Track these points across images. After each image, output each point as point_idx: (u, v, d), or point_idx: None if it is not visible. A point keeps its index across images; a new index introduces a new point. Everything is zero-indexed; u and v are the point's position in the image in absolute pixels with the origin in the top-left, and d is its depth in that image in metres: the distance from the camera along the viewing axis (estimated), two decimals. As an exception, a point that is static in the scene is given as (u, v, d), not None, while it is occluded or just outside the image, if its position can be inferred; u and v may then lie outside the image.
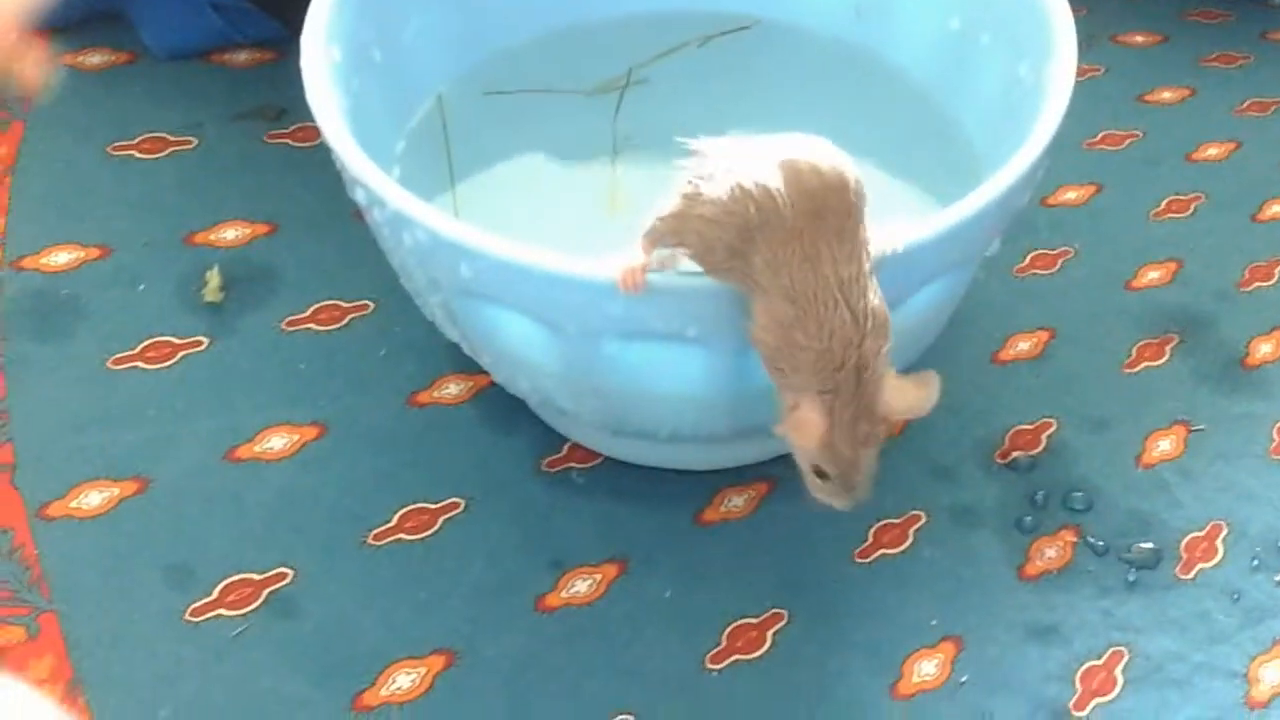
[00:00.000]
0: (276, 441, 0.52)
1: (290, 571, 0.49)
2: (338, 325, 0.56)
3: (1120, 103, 0.71)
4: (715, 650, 0.49)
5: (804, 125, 0.53)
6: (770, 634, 0.49)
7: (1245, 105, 0.72)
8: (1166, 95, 0.72)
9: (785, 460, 0.50)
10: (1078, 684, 0.49)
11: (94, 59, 0.66)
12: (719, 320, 0.42)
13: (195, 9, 0.66)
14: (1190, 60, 0.75)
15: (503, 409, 0.53)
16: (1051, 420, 0.56)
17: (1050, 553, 0.51)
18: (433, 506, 0.51)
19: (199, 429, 0.52)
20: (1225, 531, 0.53)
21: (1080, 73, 0.47)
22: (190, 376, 0.54)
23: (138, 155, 0.61)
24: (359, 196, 0.44)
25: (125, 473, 0.51)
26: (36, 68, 0.44)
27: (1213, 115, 0.71)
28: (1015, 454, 0.54)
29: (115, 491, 0.50)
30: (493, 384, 0.52)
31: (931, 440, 0.54)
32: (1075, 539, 0.52)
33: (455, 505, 0.51)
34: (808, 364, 0.38)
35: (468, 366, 0.51)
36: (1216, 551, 0.52)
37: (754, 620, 0.49)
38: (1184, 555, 0.52)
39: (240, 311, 0.56)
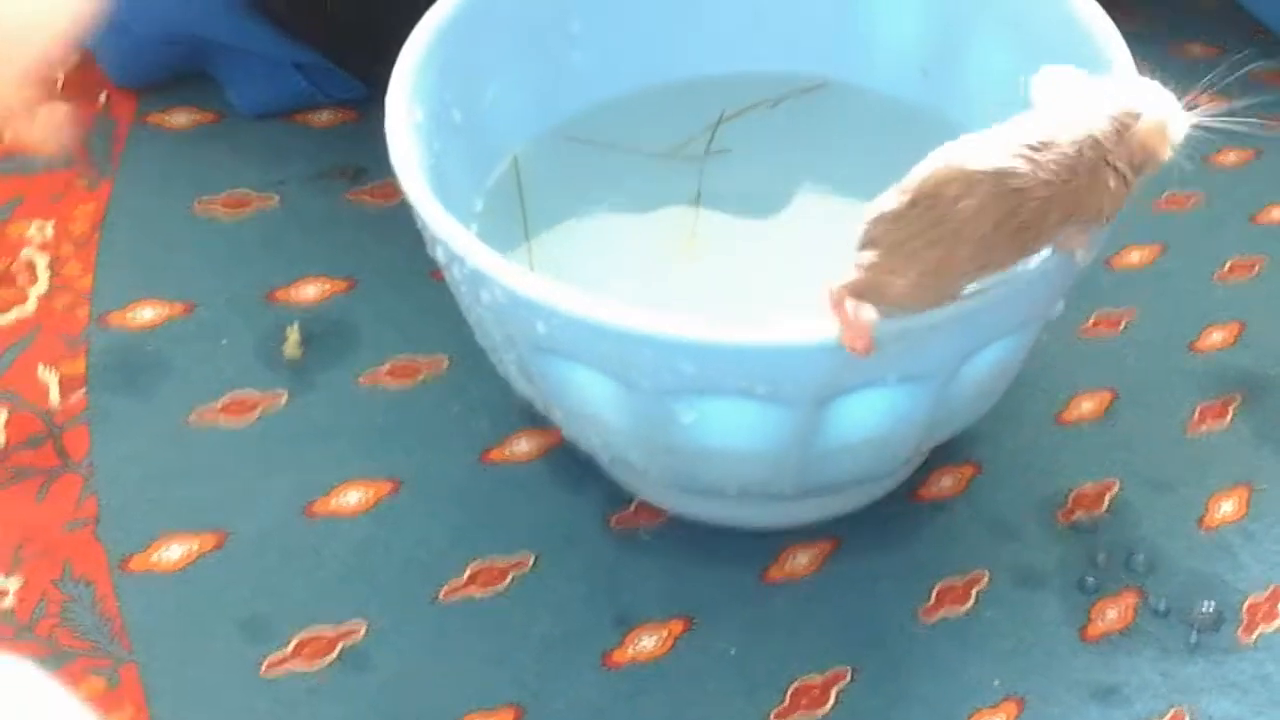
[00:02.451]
0: (353, 496, 0.53)
1: (363, 625, 0.50)
2: (413, 381, 0.57)
3: (1184, 165, 0.71)
4: (779, 707, 0.49)
5: (873, 183, 0.54)
6: (834, 691, 0.50)
7: (1310, 170, 0.73)
8: (1231, 157, 0.72)
9: (849, 519, 0.52)
10: (1140, 744, 0.50)
11: (180, 118, 0.68)
12: (788, 377, 0.43)
13: (280, 69, 0.67)
14: (1255, 122, 0.75)
15: (573, 466, 0.54)
16: (1114, 481, 0.56)
17: (1112, 614, 0.52)
18: (502, 562, 0.51)
19: (277, 484, 0.53)
20: (1289, 594, 0.53)
21: None
22: (269, 432, 0.55)
23: (221, 212, 0.63)
24: (439, 254, 0.45)
25: (204, 526, 0.52)
26: (52, 118, 0.43)
27: (1277, 177, 0.72)
28: (1078, 514, 0.55)
29: (195, 545, 0.52)
30: (563, 441, 0.53)
31: (995, 500, 0.55)
32: (1137, 600, 0.52)
33: (524, 561, 0.52)
34: None
35: (539, 423, 0.53)
36: (1278, 614, 0.52)
37: (818, 678, 0.50)
38: (1245, 618, 0.52)
39: (319, 367, 0.57)
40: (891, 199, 0.41)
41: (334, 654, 0.50)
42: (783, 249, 0.57)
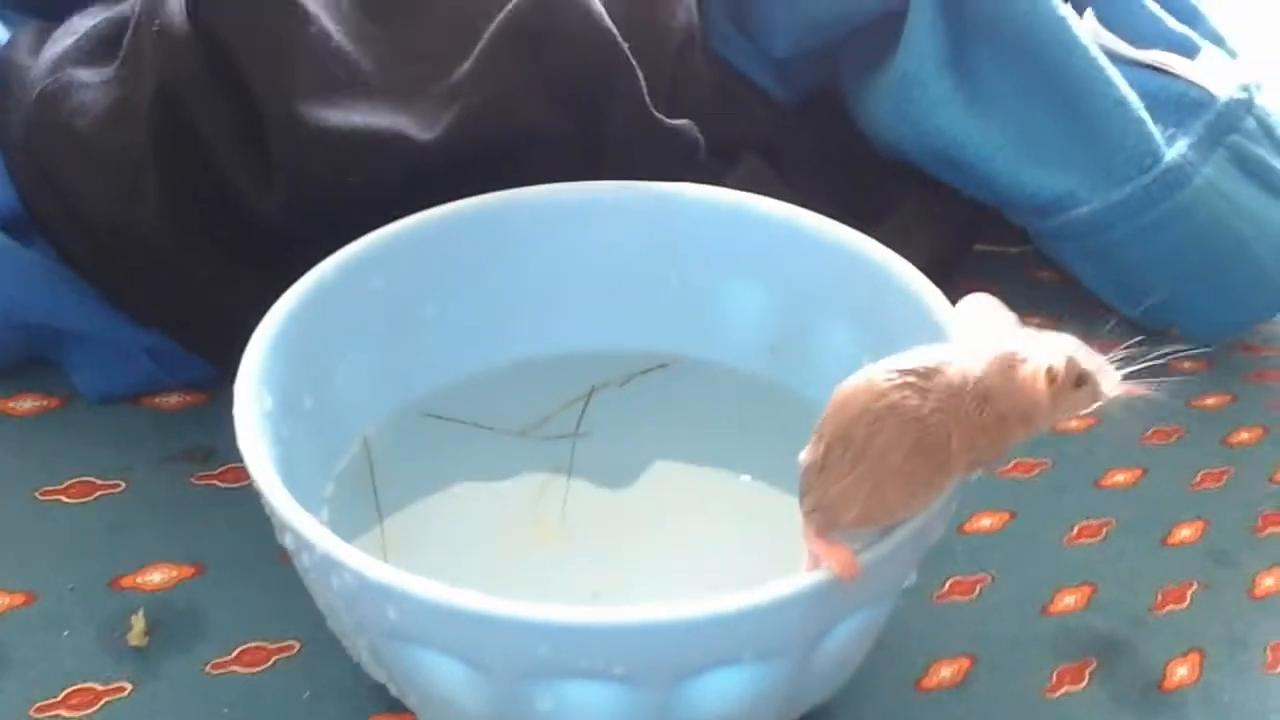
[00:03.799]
0: (196, 793, 0.51)
1: None
2: (262, 667, 0.55)
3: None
4: None
5: (728, 456, 0.55)
6: None
7: (1150, 433, 0.75)
8: (1074, 424, 0.74)
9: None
10: None
11: (25, 404, 0.67)
12: (646, 656, 0.43)
13: (128, 354, 0.67)
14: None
15: (429, 751, 0.53)
16: (976, 749, 0.56)
17: None
18: None
19: (118, 780, 0.51)
20: None
21: None
22: (112, 724, 0.53)
23: (65, 500, 0.62)
24: (288, 541, 0.45)
25: (44, 828, 0.50)
26: None
27: (1119, 443, 0.74)
28: (942, 785, 0.54)
29: None
30: (420, 725, 0.52)
31: (857, 772, 0.54)
32: None
33: None
34: None
35: (394, 707, 0.51)
36: None
37: None
38: None
39: (165, 656, 0.56)
40: (809, 450, 0.44)
41: None
42: (641, 526, 0.57)
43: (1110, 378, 0.46)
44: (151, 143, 0.60)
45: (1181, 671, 0.61)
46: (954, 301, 0.52)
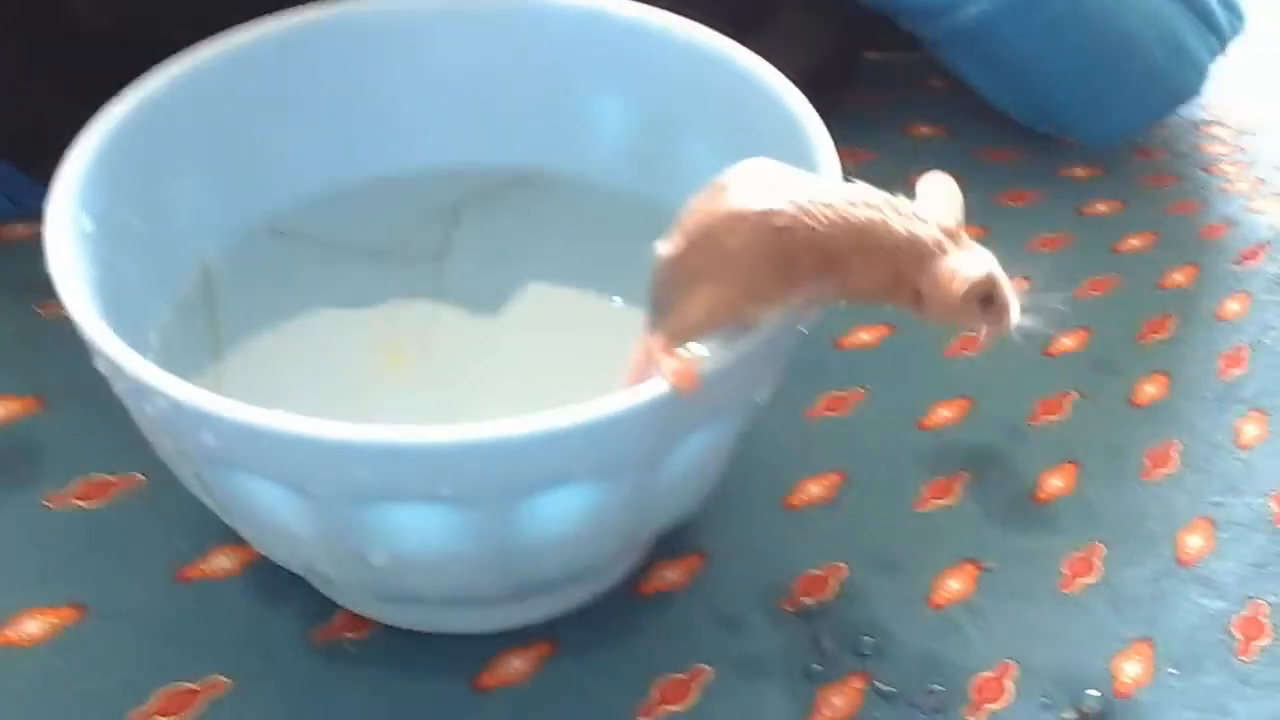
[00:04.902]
0: (32, 626, 0.50)
1: (44, 763, 0.47)
2: (104, 500, 0.54)
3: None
4: (493, 820, 0.47)
5: (596, 274, 0.53)
6: (549, 799, 0.48)
7: (1035, 240, 0.74)
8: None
9: (568, 619, 0.50)
10: (868, 835, 0.48)
11: None
12: (475, 476, 0.41)
13: (-28, 183, 0.65)
14: (983, 199, 0.76)
15: (274, 580, 0.52)
16: (842, 565, 0.55)
17: (838, 701, 0.50)
18: (195, 686, 0.48)
19: (-52, 615, 0.50)
20: (1015, 671, 0.52)
21: None
22: (-57, 561, 0.52)
23: (-97, 333, 0.60)
24: (100, 366, 0.43)
25: None
26: None
27: (1004, 252, 0.72)
28: (805, 600, 0.53)
29: None
30: (264, 555, 0.51)
31: (718, 590, 0.53)
32: (864, 685, 0.51)
33: (219, 684, 0.49)
34: None
35: (238, 538, 0.50)
36: (1005, 692, 0.51)
37: (533, 786, 0.48)
38: (974, 697, 0.51)
39: (1, 490, 0.54)
40: (669, 244, 0.42)
41: (9, 798, 0.46)
42: (505, 353, 0.55)
43: (1013, 310, 0.43)
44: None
45: (1055, 482, 0.60)
46: (838, 108, 0.50)
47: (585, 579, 0.50)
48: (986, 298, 0.42)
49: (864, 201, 0.42)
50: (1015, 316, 0.43)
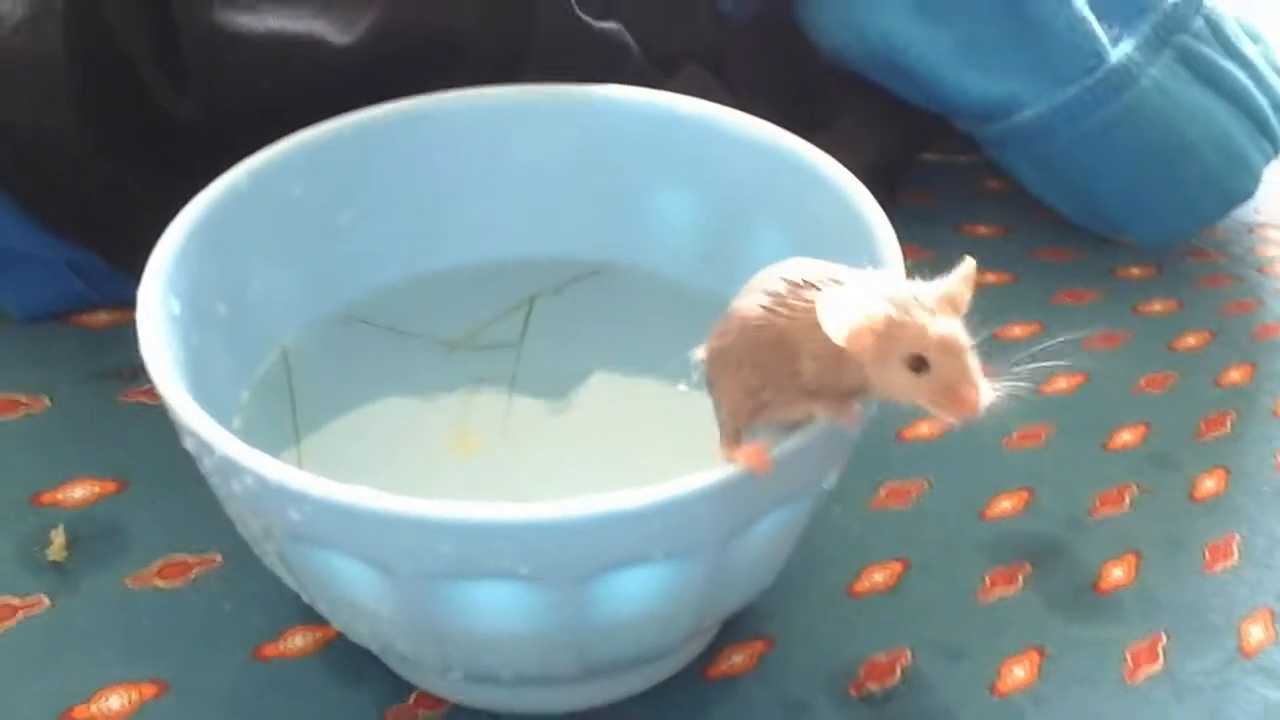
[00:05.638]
0: (114, 701, 0.51)
1: (126, 835, 0.48)
2: (184, 581, 0.55)
3: (972, 339, 0.73)
4: None
5: (661, 366, 0.54)
6: None
7: (1094, 339, 0.74)
8: (1017, 331, 0.74)
9: (639, 700, 0.50)
10: None
11: (-49, 325, 0.66)
12: (550, 555, 0.42)
13: (55, 272, 0.66)
14: (1040, 297, 0.78)
15: (349, 660, 0.53)
16: (906, 651, 0.55)
17: (906, 786, 0.51)
18: (274, 762, 0.49)
19: (34, 691, 0.51)
20: (1081, 758, 0.52)
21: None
22: (29, 638, 0.53)
23: (-9, 418, 0.61)
24: (189, 445, 0.44)
25: (-44, 738, 0.49)
26: None
27: (1062, 349, 0.73)
28: (869, 685, 0.54)
29: (-53, 760, 0.49)
30: (340, 635, 0.51)
31: (784, 675, 0.54)
32: (930, 771, 0.51)
33: (297, 760, 0.49)
34: None
35: (315, 618, 0.51)
36: (1072, 779, 0.52)
37: None
38: (1040, 783, 0.51)
39: (85, 571, 0.55)
40: (703, 346, 0.43)
41: None
42: (575, 438, 0.56)
43: (979, 393, 0.40)
44: (67, 50, 0.59)
45: (1117, 573, 0.60)
46: (898, 210, 0.51)
47: (655, 660, 0.51)
48: (919, 362, 0.38)
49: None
50: (979, 395, 0.39)
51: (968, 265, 0.40)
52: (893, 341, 0.38)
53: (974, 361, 0.39)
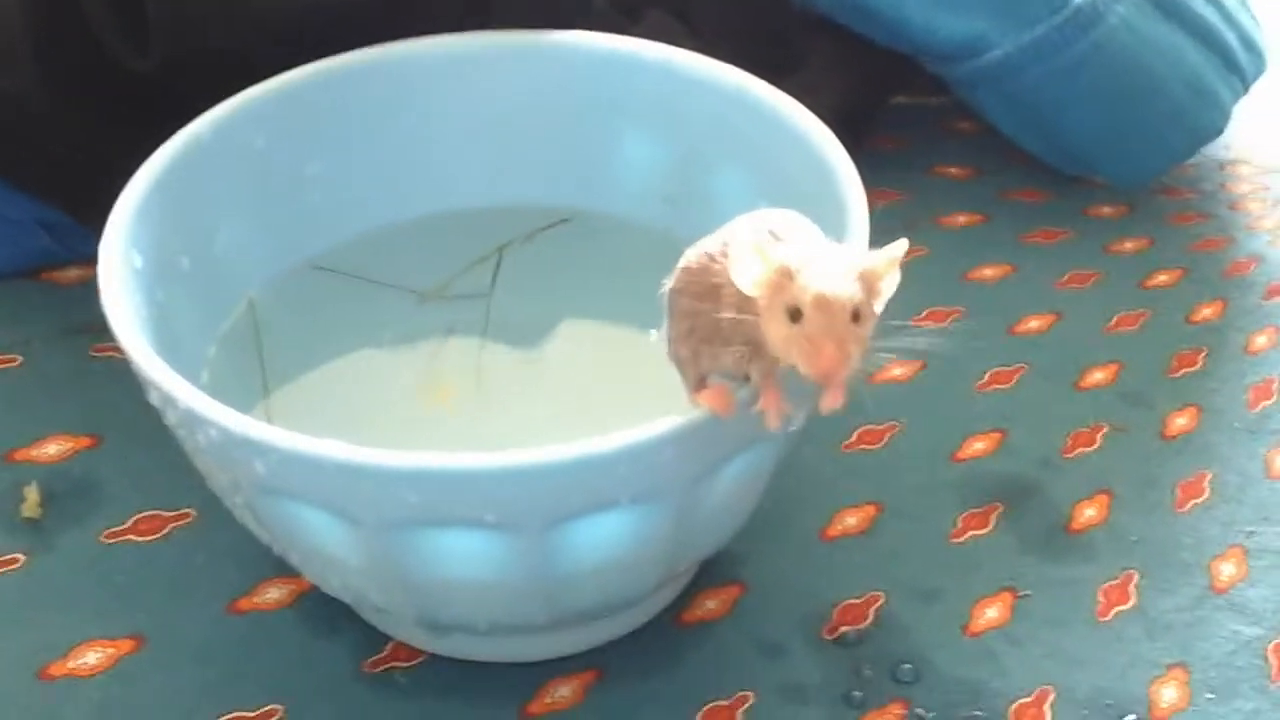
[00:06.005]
0: (91, 656, 0.51)
1: (103, 790, 0.48)
2: (158, 535, 0.55)
3: (944, 282, 0.73)
4: (541, 845, 0.48)
5: (630, 314, 0.54)
6: (598, 824, 0.48)
7: (1065, 279, 0.75)
8: (989, 272, 0.74)
9: (613, 647, 0.51)
10: None
11: (-80, 284, 0.66)
12: (516, 503, 0.42)
13: (24, 229, 0.66)
14: (1012, 238, 0.78)
15: (324, 611, 0.53)
16: (880, 594, 0.56)
17: (878, 726, 0.51)
18: (250, 714, 0.49)
19: (9, 647, 0.51)
20: (1053, 696, 0.53)
21: (906, 255, 0.47)
22: (4, 595, 0.53)
23: (-40, 375, 0.61)
24: (153, 398, 0.44)
25: (-69, 696, 0.49)
26: None
27: (1034, 289, 0.73)
28: (843, 629, 0.54)
29: (-80, 716, 0.49)
30: (314, 586, 0.52)
31: (758, 619, 0.54)
32: (904, 712, 0.52)
33: (273, 713, 0.50)
34: None
35: (289, 571, 0.51)
36: (1044, 716, 0.52)
37: (578, 813, 0.49)
38: (1013, 721, 0.52)
39: (59, 528, 0.55)
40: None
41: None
42: (546, 387, 0.56)
43: (834, 353, 0.37)
44: (22, 8, 0.59)
45: (1089, 512, 0.60)
46: (869, 153, 0.50)
47: (628, 607, 0.51)
48: (796, 314, 0.37)
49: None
50: (832, 356, 0.37)
51: (896, 246, 0.39)
52: (780, 292, 0.38)
53: (847, 324, 0.37)
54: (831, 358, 0.37)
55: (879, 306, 0.39)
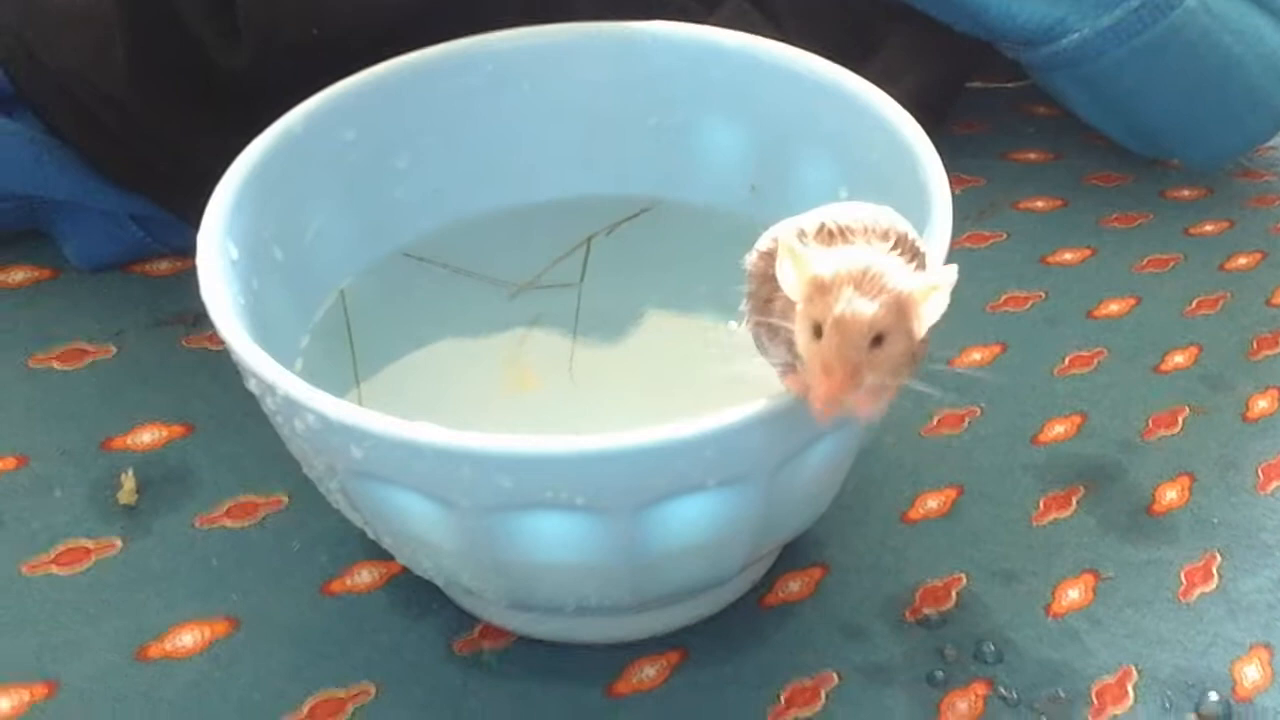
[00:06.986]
0: (186, 638, 0.52)
1: (199, 769, 0.49)
2: (252, 521, 0.56)
3: (1023, 266, 0.73)
4: (630, 822, 0.49)
5: (714, 302, 0.55)
6: (685, 803, 0.49)
7: (1144, 262, 0.74)
8: (1068, 256, 0.74)
9: (697, 628, 0.51)
10: (994, 836, 0.49)
11: (17, 276, 0.68)
12: (606, 486, 0.43)
13: (117, 222, 0.67)
14: (1091, 222, 0.78)
15: (415, 593, 0.54)
16: (961, 575, 0.56)
17: (962, 706, 0.52)
18: (343, 694, 0.51)
19: (108, 629, 0.52)
20: (1135, 677, 0.53)
21: (983, 239, 0.48)
22: (103, 579, 0.54)
23: (56, 366, 0.63)
24: (252, 386, 0.45)
25: (35, 677, 0.51)
26: None
27: (1113, 273, 0.73)
28: (926, 610, 0.55)
29: (26, 696, 0.50)
30: (405, 570, 0.53)
31: (841, 600, 0.55)
32: (987, 691, 0.52)
33: (365, 692, 0.51)
34: None
35: (380, 554, 0.52)
36: (1128, 697, 0.52)
37: (668, 790, 0.49)
38: (1095, 702, 0.52)
39: (155, 513, 0.57)
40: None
41: (170, 803, 0.49)
42: (630, 375, 0.57)
43: (830, 380, 0.37)
44: (118, 3, 0.60)
45: (1171, 495, 0.61)
46: (947, 138, 0.51)
47: (712, 589, 0.52)
48: (819, 331, 0.37)
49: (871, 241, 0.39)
50: (829, 382, 0.37)
51: (944, 273, 0.38)
52: (810, 303, 0.38)
53: (862, 349, 0.37)
54: (834, 383, 0.37)
55: (921, 331, 0.38)
